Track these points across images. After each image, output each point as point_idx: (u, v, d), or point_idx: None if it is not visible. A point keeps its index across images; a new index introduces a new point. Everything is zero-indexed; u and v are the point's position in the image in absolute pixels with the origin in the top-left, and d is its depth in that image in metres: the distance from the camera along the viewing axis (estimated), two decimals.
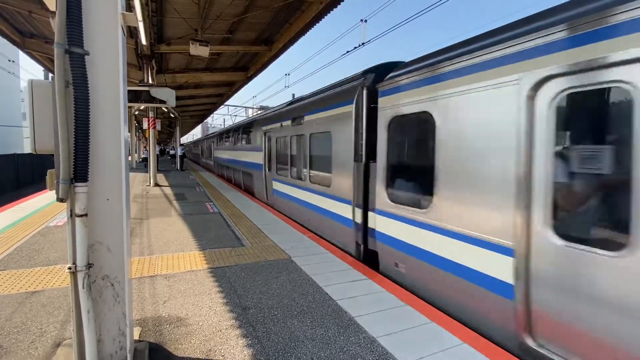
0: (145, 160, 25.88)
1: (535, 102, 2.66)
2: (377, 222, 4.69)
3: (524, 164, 2.72)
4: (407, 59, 5.21)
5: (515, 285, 2.79)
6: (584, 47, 2.35)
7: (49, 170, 2.13)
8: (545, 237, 2.58)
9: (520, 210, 2.73)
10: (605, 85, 2.28)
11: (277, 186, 8.98)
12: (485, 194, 3.07)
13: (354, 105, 5.11)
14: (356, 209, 5.16)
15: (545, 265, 2.59)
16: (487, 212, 3.05)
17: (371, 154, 4.84)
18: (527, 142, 2.70)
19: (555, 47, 2.53)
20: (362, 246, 5.10)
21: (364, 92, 4.97)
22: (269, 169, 9.76)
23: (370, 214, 4.91)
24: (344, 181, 5.42)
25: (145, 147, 31.43)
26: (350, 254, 5.27)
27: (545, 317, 2.60)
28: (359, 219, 5.11)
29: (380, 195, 4.55)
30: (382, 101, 4.51)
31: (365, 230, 5.04)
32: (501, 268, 2.91)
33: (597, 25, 2.28)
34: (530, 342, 2.71)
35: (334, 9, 8.58)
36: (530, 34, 2.72)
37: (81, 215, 2.08)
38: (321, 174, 6.43)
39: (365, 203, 5.02)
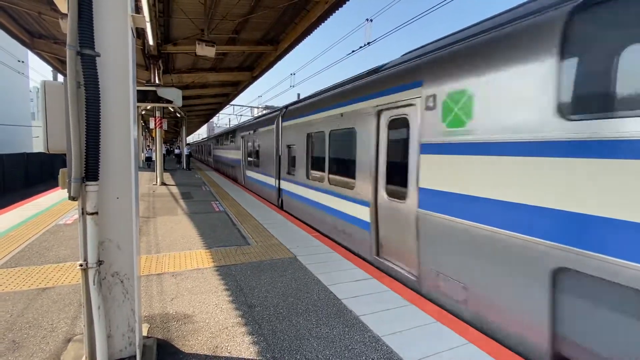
0: (148, 159, 25.05)
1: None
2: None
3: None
4: None
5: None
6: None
7: (61, 170, 2.18)
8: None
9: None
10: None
11: None
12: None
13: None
14: None
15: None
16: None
17: None
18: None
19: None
20: None
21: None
22: None
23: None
24: None
25: (148, 146, 31.32)
26: None
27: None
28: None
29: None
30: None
31: None
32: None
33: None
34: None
35: (340, 9, 8.59)
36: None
37: (92, 214, 2.13)
38: None
39: None
